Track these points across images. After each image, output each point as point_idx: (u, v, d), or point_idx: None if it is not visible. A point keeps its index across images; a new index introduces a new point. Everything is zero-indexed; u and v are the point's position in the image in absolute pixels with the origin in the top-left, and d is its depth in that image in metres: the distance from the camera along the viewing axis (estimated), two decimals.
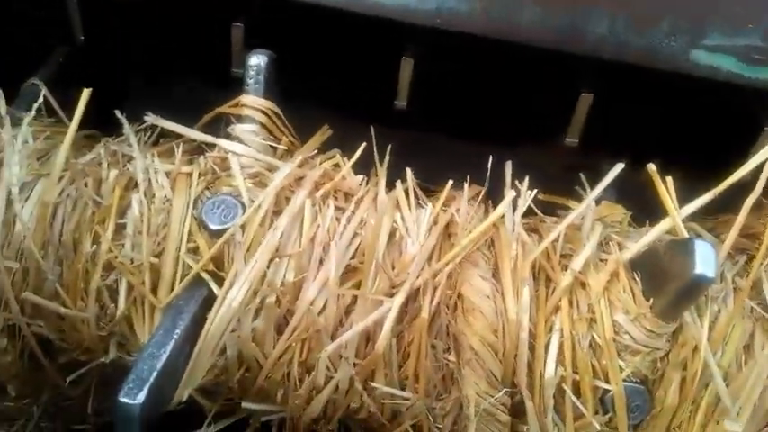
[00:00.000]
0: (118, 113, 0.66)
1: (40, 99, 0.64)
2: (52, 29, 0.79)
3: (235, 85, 0.74)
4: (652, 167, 0.58)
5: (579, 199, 0.71)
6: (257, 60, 0.62)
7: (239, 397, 0.63)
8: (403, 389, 0.59)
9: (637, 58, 0.65)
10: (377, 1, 0.64)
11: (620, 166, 0.62)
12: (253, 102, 0.62)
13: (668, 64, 0.65)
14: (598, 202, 0.70)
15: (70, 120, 0.70)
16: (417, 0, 0.63)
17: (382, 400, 0.59)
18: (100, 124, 0.72)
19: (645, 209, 0.70)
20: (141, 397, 0.48)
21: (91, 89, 0.59)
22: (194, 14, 0.76)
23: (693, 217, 0.61)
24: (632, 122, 0.74)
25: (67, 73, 0.83)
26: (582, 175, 0.73)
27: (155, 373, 0.49)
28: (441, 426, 0.59)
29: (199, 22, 0.76)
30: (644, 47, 0.64)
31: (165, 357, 0.50)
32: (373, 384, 0.58)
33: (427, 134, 0.82)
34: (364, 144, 0.63)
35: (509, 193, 0.60)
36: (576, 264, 0.57)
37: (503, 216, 0.61)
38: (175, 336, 0.52)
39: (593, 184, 0.71)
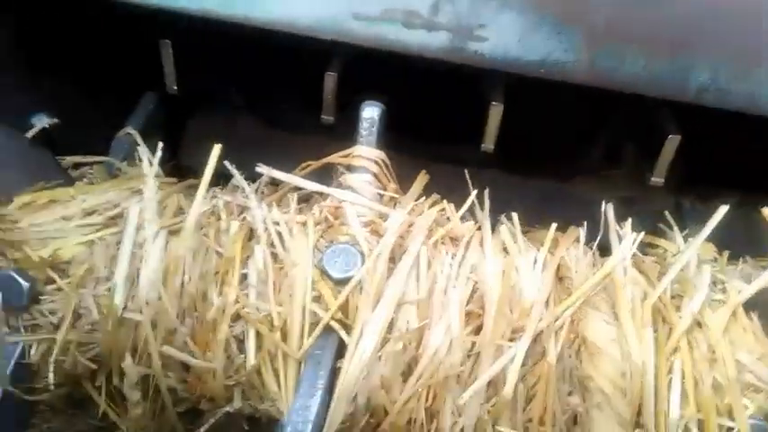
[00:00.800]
0: (228, 164, 0.67)
1: (158, 154, 0.65)
2: (144, 76, 0.81)
3: (323, 132, 0.77)
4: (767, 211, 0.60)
5: (665, 236, 0.74)
6: (371, 113, 0.64)
7: None
8: (525, 431, 0.60)
9: (738, 105, 0.67)
10: (480, 52, 0.66)
11: (724, 209, 0.64)
12: (366, 153, 0.64)
13: None
14: (686, 239, 0.73)
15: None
16: (522, 50, 0.64)
17: None
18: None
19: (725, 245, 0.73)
20: None
21: (221, 145, 0.61)
22: (287, 63, 0.79)
23: None
24: (721, 163, 0.77)
25: (156, 119, 0.85)
26: (667, 213, 0.76)
27: (309, 425, 0.50)
28: None
29: (291, 70, 0.78)
30: (744, 93, 0.66)
31: (315, 408, 0.52)
32: (498, 428, 0.59)
33: (513, 176, 0.84)
34: (475, 192, 0.65)
35: (623, 240, 0.61)
36: (695, 305, 0.59)
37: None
38: (320, 386, 0.54)
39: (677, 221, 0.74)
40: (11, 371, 0.64)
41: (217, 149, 0.61)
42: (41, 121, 0.83)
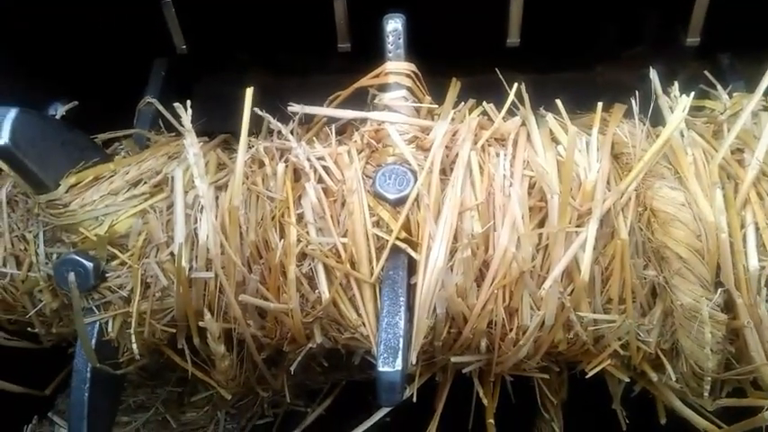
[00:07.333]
0: (259, 111, 0.66)
1: (189, 113, 0.64)
2: (151, 40, 0.79)
3: (333, 71, 0.74)
4: None
5: (708, 97, 0.72)
6: (395, 25, 0.61)
7: (441, 354, 0.65)
8: (606, 312, 0.60)
9: None
10: None
11: None
12: (397, 67, 0.62)
13: None
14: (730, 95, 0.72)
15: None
16: None
17: (588, 328, 0.61)
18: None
19: None
20: (399, 363, 0.50)
21: (252, 88, 0.60)
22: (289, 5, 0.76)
23: None
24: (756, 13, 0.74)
25: (171, 82, 0.83)
26: (707, 73, 0.74)
27: (401, 340, 0.51)
28: (648, 340, 0.61)
29: (294, 11, 0.76)
30: None
31: (402, 324, 0.52)
32: (580, 314, 0.59)
33: (540, 71, 0.82)
34: (515, 87, 0.63)
35: (676, 105, 0.60)
36: (759, 154, 0.57)
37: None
38: (401, 303, 0.54)
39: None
40: (94, 350, 0.65)
41: (249, 93, 0.60)
42: (59, 108, 0.82)
